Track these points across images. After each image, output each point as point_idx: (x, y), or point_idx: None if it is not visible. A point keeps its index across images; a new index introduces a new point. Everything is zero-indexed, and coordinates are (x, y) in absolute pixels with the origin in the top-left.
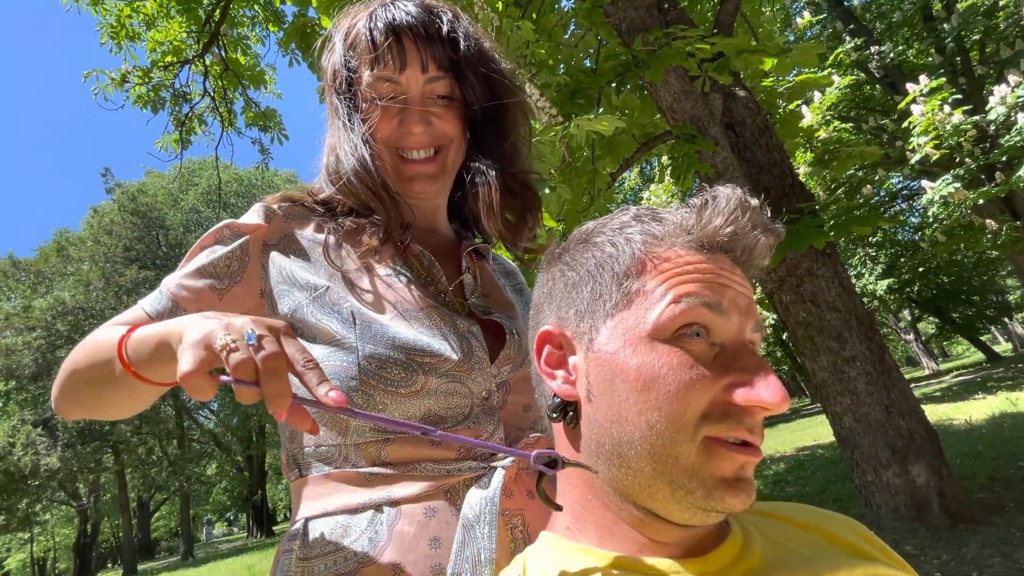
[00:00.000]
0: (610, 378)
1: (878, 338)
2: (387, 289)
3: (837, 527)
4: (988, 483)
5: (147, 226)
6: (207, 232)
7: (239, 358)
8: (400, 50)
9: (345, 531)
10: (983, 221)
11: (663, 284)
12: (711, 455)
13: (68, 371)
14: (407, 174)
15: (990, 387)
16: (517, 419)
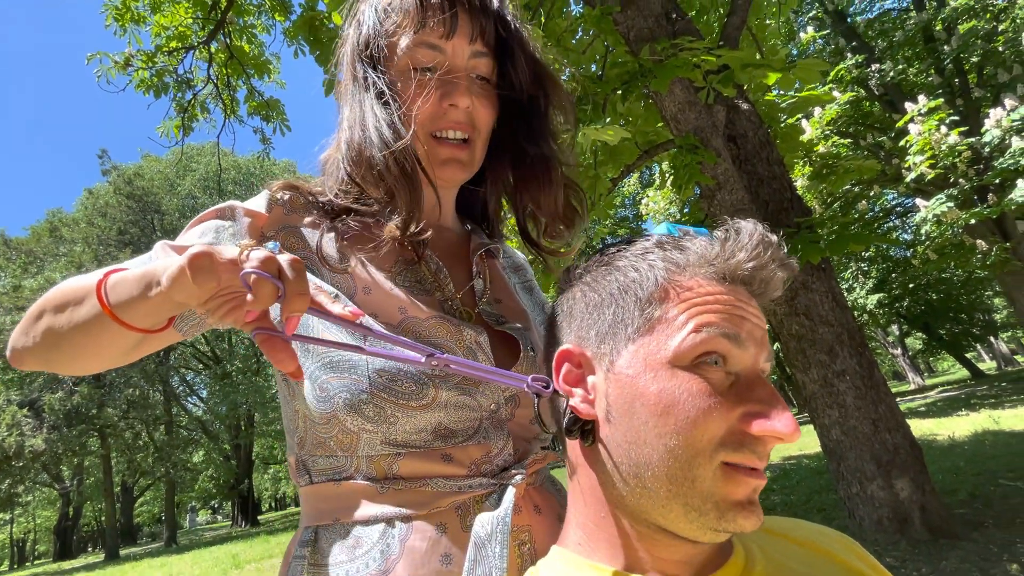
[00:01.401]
0: (630, 401)
1: (868, 353)
2: (392, 297)
3: (833, 545)
4: (969, 499)
5: (142, 210)
6: (210, 208)
7: (263, 254)
8: (453, 15)
9: (357, 542)
10: (974, 241)
11: (685, 313)
12: (727, 480)
13: (34, 314)
14: (441, 156)
15: (974, 404)
16: (523, 431)
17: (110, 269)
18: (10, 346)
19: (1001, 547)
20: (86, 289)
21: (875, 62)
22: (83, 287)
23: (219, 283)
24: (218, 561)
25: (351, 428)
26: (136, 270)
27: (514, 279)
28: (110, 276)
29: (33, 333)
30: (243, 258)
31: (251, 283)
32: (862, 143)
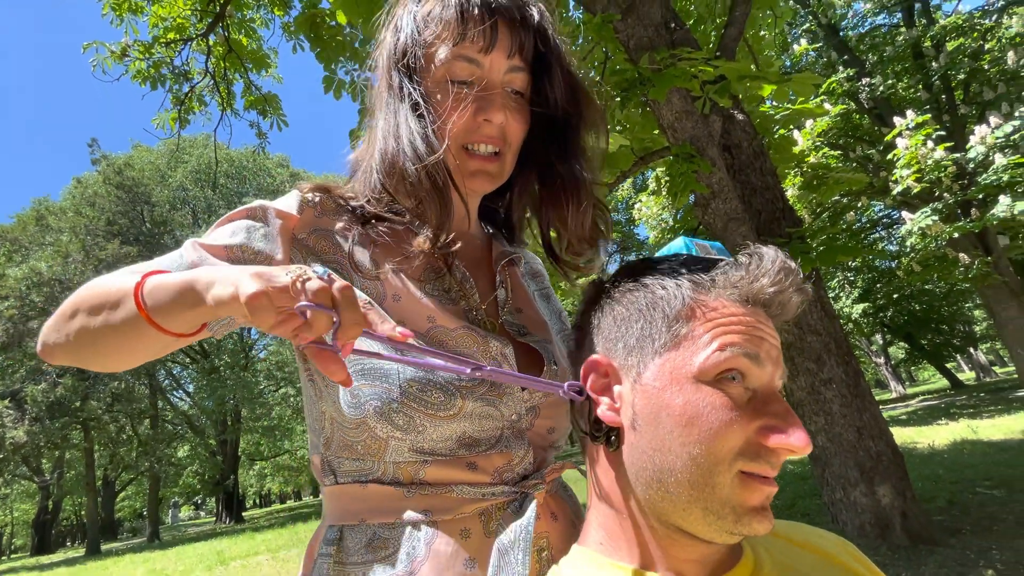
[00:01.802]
0: (656, 411)
1: (854, 362)
2: (422, 307)
3: (831, 546)
4: (947, 506)
5: (132, 201)
6: (240, 207)
7: (317, 285)
8: (492, 29)
9: (384, 543)
10: (957, 254)
11: (709, 332)
12: (744, 487)
13: (68, 310)
14: (470, 168)
15: (953, 414)
16: (540, 439)
17: (146, 271)
18: (41, 341)
19: (978, 553)
20: (122, 292)
21: (865, 76)
22: (119, 289)
23: (276, 317)
24: (202, 557)
25: (380, 435)
26: (175, 277)
27: (533, 287)
28: (147, 280)
29: (66, 331)
30: (297, 288)
31: (308, 316)
32: (851, 155)
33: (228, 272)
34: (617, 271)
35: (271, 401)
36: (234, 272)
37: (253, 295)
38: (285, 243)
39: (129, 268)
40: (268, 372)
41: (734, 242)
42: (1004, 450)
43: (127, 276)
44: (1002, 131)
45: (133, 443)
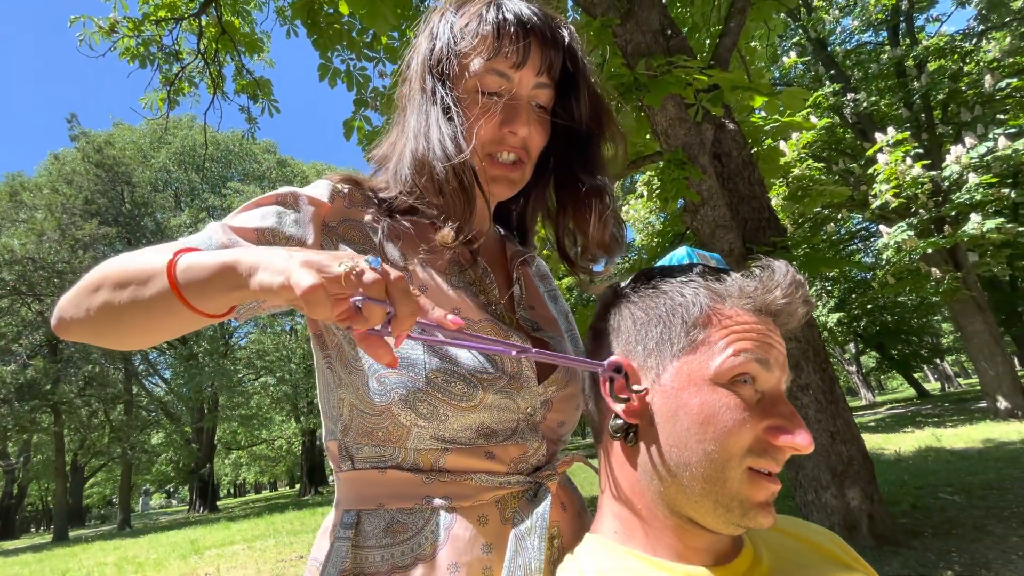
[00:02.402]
0: (674, 410)
1: (830, 369)
2: (446, 299)
3: (821, 538)
4: (911, 510)
5: (112, 180)
6: (268, 193)
7: (372, 277)
8: (525, 46)
9: (402, 527)
10: (929, 269)
11: (725, 339)
12: (751, 483)
13: (91, 285)
14: (492, 174)
15: (919, 422)
16: (552, 433)
17: (179, 248)
18: (57, 315)
19: (938, 555)
20: (153, 268)
21: (850, 91)
22: (150, 266)
23: (333, 311)
24: (176, 546)
25: (403, 422)
26: (212, 256)
27: (542, 287)
28: (181, 257)
29: (87, 306)
30: (352, 280)
31: (363, 307)
32: (834, 168)
33: (273, 257)
34: (634, 277)
35: (250, 390)
36: (280, 258)
37: (311, 288)
38: (316, 229)
39: (156, 247)
40: (248, 360)
41: (721, 249)
42: (965, 458)
43: (157, 253)
44: (976, 152)
45: (105, 428)
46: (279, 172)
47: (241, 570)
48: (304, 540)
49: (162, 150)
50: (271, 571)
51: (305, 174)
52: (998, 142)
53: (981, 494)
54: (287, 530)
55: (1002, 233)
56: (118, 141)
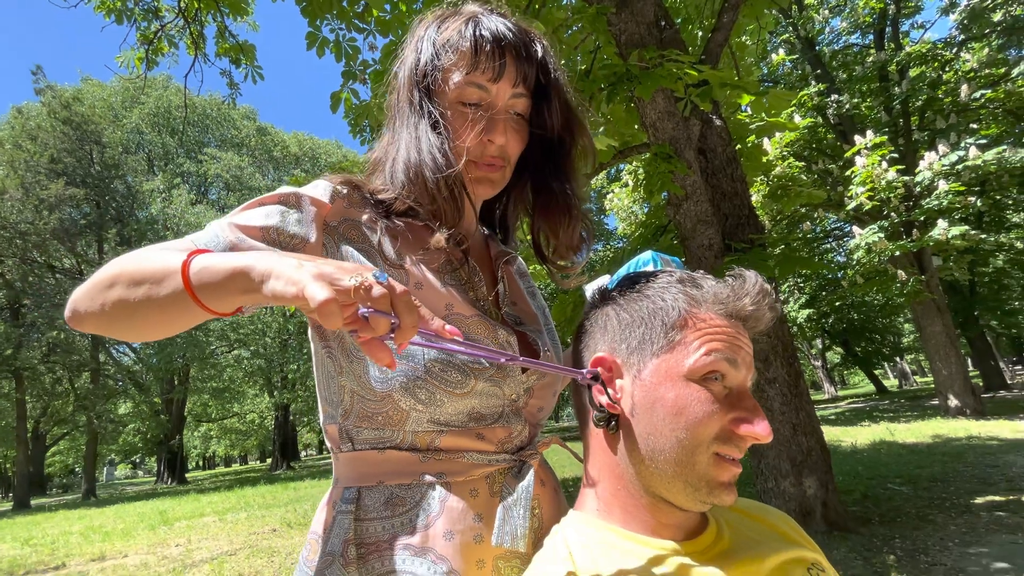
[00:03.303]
0: (652, 403)
1: (797, 364)
2: (441, 295)
3: (776, 519)
4: (862, 499)
5: (80, 139)
6: (271, 192)
7: (380, 292)
8: (501, 61)
9: (401, 501)
10: (896, 271)
11: (699, 339)
12: (717, 466)
13: (105, 280)
14: (474, 176)
15: (875, 416)
16: (532, 417)
17: (189, 247)
18: (71, 308)
19: (882, 540)
20: (167, 268)
21: (834, 92)
22: (164, 266)
23: (344, 322)
24: (144, 517)
25: (403, 407)
26: (225, 260)
27: (522, 284)
28: (194, 259)
29: (102, 301)
30: (361, 294)
31: (369, 318)
32: (814, 167)
33: (284, 266)
34: (620, 282)
35: (223, 362)
36: (291, 267)
37: (325, 302)
38: (318, 229)
39: (164, 245)
40: (221, 333)
41: (700, 244)
42: (915, 452)
43: (169, 253)
44: (948, 159)
45: (69, 396)
46: (258, 140)
47: (213, 541)
48: (276, 514)
49: (134, 110)
50: (244, 543)
51: (286, 144)
52: (969, 151)
53: (926, 486)
54: (259, 504)
55: (965, 240)
56: (87, 98)
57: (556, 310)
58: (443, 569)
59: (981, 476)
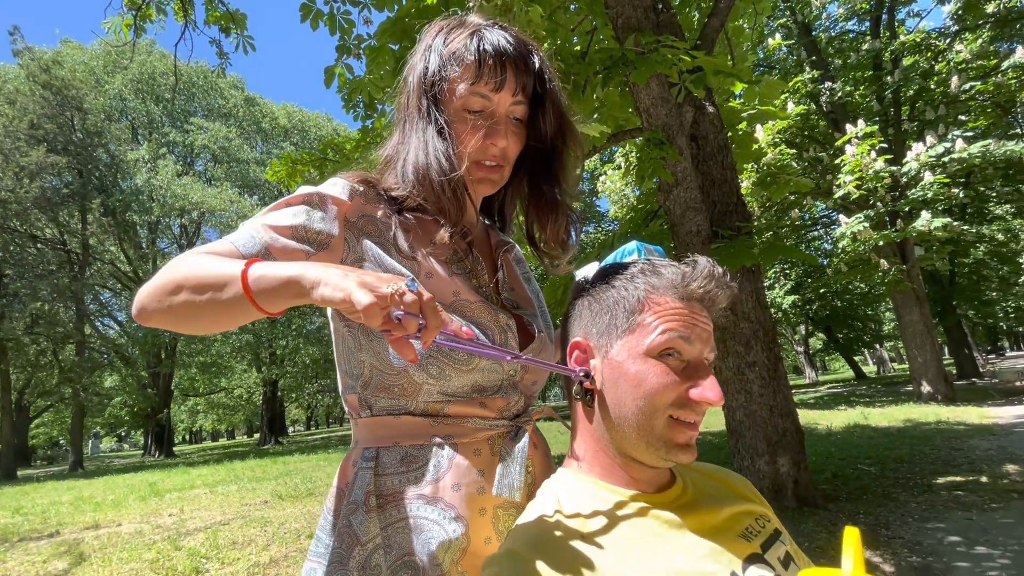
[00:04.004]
0: (617, 378)
1: (776, 349)
2: (448, 283)
3: (735, 481)
4: (832, 478)
5: (61, 104)
6: (296, 192)
7: (411, 299)
8: (502, 73)
9: (415, 459)
10: (879, 260)
11: (655, 320)
12: (673, 429)
13: (171, 285)
14: (477, 176)
15: (852, 401)
16: (527, 389)
17: (233, 251)
18: (139, 306)
19: (848, 516)
20: (229, 277)
21: (828, 79)
22: (225, 275)
23: (382, 322)
24: (133, 488)
25: (417, 380)
26: (278, 270)
27: (519, 271)
28: (251, 268)
29: (169, 303)
30: (396, 299)
31: (402, 320)
32: (804, 155)
33: (331, 275)
34: (595, 274)
35: (211, 337)
36: (337, 276)
37: (368, 306)
38: (340, 225)
39: (208, 248)
40: None
41: (689, 230)
42: (886, 435)
43: (225, 261)
44: (935, 151)
45: (54, 369)
46: (247, 111)
47: (205, 511)
48: (267, 487)
49: (117, 76)
50: (236, 513)
51: (275, 115)
52: (956, 144)
53: (893, 466)
54: (249, 477)
55: (947, 231)
56: (67, 61)
57: (547, 292)
58: (451, 515)
59: (945, 458)
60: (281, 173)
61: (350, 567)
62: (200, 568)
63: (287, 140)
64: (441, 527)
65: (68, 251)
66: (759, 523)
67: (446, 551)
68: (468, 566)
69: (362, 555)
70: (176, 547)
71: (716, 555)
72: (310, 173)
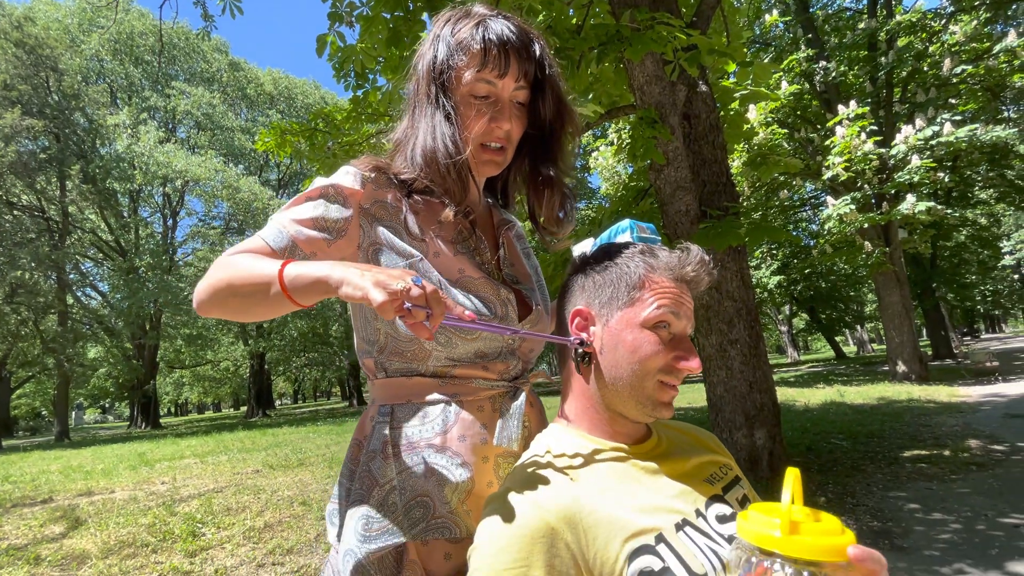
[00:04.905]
0: (615, 344)
1: (758, 327)
2: (454, 260)
3: (703, 435)
4: (806, 451)
5: (35, 64)
6: (313, 186)
7: (418, 293)
8: (506, 61)
9: (425, 414)
10: (863, 242)
11: (651, 296)
12: (660, 390)
13: (222, 285)
14: (482, 158)
15: (830, 380)
16: (525, 355)
17: (265, 249)
18: (197, 302)
19: (817, 485)
20: (270, 278)
21: (823, 59)
22: (266, 276)
23: (395, 315)
24: (123, 458)
25: (427, 348)
26: (309, 269)
27: (519, 246)
28: (286, 269)
29: (223, 301)
30: (404, 294)
31: (411, 310)
32: (796, 136)
33: (352, 275)
34: (596, 250)
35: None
36: (356, 276)
37: (383, 303)
38: (355, 212)
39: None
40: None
41: (678, 209)
42: (860, 412)
43: (265, 263)
44: (923, 134)
45: (36, 339)
46: (231, 76)
47: (198, 480)
48: (257, 457)
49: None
50: (229, 481)
51: (260, 81)
52: (944, 127)
53: (864, 440)
54: (238, 448)
55: (931, 215)
56: (39, 18)
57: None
58: (458, 462)
59: (913, 433)
60: (270, 143)
61: (370, 504)
62: (196, 532)
63: (273, 108)
64: (449, 472)
65: (47, 219)
66: (722, 471)
67: (453, 492)
68: (472, 505)
69: (380, 495)
70: (171, 512)
71: (684, 495)
72: (300, 143)
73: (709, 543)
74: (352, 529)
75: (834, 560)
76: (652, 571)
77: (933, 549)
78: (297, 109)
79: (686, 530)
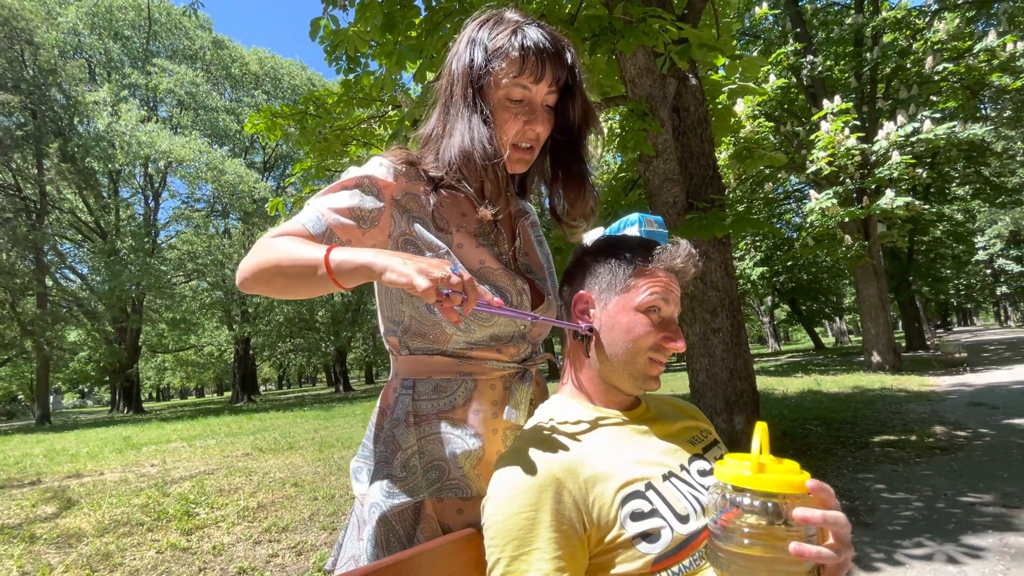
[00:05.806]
0: (612, 325)
1: (740, 317)
2: (476, 252)
3: (686, 406)
4: (782, 436)
5: (9, 37)
6: (349, 175)
7: (456, 280)
8: (542, 67)
9: (444, 389)
10: (844, 235)
11: (645, 284)
12: (650, 365)
13: (268, 265)
14: (513, 157)
15: (809, 369)
16: (534, 339)
17: (327, 244)
18: (241, 279)
19: None
20: (315, 262)
21: (810, 53)
22: (312, 260)
23: (435, 299)
24: (108, 442)
25: (448, 332)
26: (353, 256)
27: (532, 234)
28: (332, 254)
29: (269, 281)
30: (443, 280)
31: (449, 296)
32: (781, 129)
33: (395, 262)
34: (596, 243)
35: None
36: (399, 263)
37: (426, 290)
38: (388, 203)
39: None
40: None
41: (665, 201)
42: (835, 400)
43: (309, 247)
44: (904, 131)
45: (13, 321)
46: (215, 54)
47: (188, 462)
48: (245, 440)
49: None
50: (219, 464)
51: (245, 60)
52: (924, 124)
53: (837, 426)
54: (225, 432)
55: (908, 210)
56: None
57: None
58: (471, 432)
59: (883, 420)
60: (260, 126)
61: (394, 465)
62: (190, 512)
63: (258, 88)
64: (463, 440)
65: (24, 198)
66: (703, 434)
67: (466, 458)
68: (482, 471)
69: (403, 457)
70: (164, 493)
71: (670, 452)
72: (290, 127)
73: (691, 491)
74: (378, 486)
75: (795, 492)
76: (642, 512)
77: (895, 525)
78: (283, 90)
79: (672, 480)
